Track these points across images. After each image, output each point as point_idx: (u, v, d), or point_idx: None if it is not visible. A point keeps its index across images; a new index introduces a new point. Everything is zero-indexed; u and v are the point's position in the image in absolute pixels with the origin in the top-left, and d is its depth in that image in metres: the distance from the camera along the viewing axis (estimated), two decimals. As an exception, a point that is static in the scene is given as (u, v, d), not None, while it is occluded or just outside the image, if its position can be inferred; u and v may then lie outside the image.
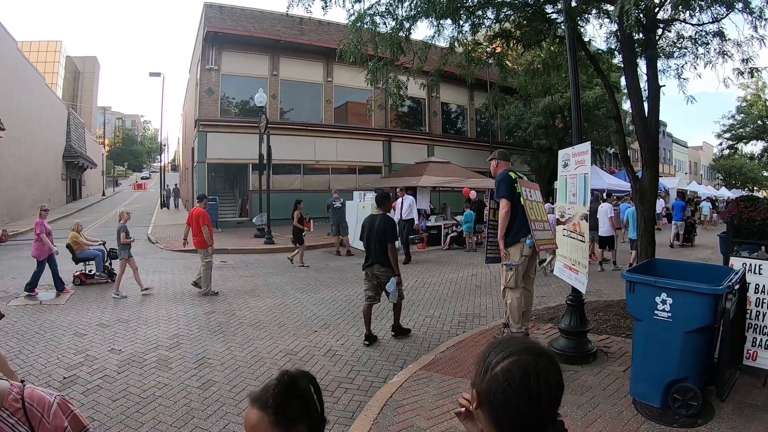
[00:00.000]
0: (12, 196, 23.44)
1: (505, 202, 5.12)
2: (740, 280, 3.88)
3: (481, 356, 1.14)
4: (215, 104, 21.21)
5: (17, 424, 1.34)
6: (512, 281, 5.13)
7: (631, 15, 4.52)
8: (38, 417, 1.36)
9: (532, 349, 1.09)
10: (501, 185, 5.24)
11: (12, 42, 24.46)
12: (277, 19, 21.09)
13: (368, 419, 3.85)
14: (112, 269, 9.98)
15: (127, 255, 8.88)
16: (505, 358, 1.06)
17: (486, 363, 1.10)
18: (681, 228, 16.39)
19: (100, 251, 10.15)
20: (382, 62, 7.32)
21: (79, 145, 39.08)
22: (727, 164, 52.20)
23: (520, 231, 5.10)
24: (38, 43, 63.37)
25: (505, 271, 5.19)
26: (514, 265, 5.09)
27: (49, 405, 1.39)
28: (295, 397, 1.24)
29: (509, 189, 5.14)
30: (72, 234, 10.00)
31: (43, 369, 5.17)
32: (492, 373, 1.06)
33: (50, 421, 1.37)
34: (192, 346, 5.99)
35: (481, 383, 1.09)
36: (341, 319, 7.19)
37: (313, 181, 23.41)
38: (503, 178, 5.26)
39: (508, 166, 5.57)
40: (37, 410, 1.37)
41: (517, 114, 26.45)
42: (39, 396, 1.40)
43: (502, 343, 1.12)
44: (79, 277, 9.70)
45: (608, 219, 11.33)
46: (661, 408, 3.67)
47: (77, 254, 9.94)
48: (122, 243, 8.85)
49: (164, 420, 4.05)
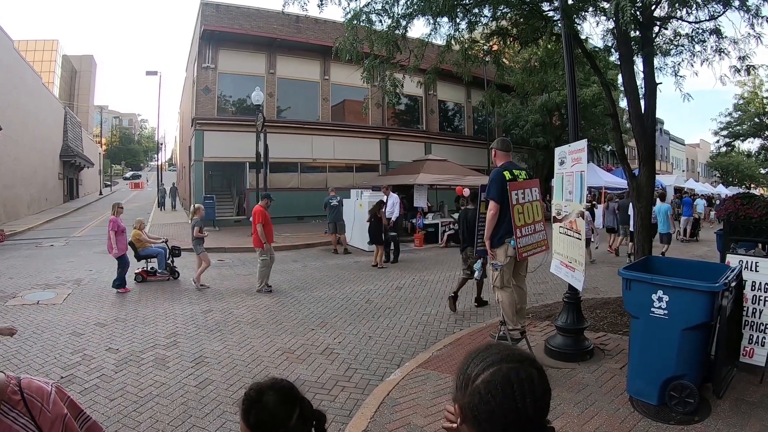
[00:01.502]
0: (9, 196, 23.37)
1: (493, 204, 4.99)
2: (737, 278, 3.89)
3: (460, 368, 1.09)
4: (212, 103, 21.16)
5: (19, 416, 1.34)
6: (498, 281, 5.07)
7: (627, 12, 4.52)
8: (38, 407, 1.36)
9: (513, 356, 1.05)
10: (492, 185, 5.08)
11: (8, 41, 24.38)
12: (273, 17, 21.03)
13: (365, 417, 3.86)
14: (174, 266, 10.18)
15: (201, 249, 9.38)
16: (485, 369, 1.02)
17: (466, 375, 1.05)
18: (689, 223, 16.58)
19: (162, 249, 10.24)
20: (378, 60, 7.30)
21: (76, 144, 38.99)
22: (724, 162, 52.35)
23: (506, 233, 4.99)
24: (35, 42, 63.07)
25: (492, 271, 5.16)
26: (499, 266, 5.05)
27: (47, 394, 1.39)
28: (263, 410, 1.24)
29: (500, 190, 4.98)
30: (135, 232, 10.08)
31: (41, 368, 5.17)
32: (473, 386, 1.01)
33: (50, 410, 1.37)
34: (189, 344, 5.98)
35: (462, 397, 1.04)
36: (338, 318, 7.19)
37: (311, 179, 23.38)
38: (496, 177, 5.08)
39: (508, 158, 5.35)
40: (37, 400, 1.37)
41: (515, 112, 26.49)
42: (37, 385, 1.39)
43: (480, 353, 1.08)
44: (140, 275, 9.78)
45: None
46: (658, 405, 3.67)
47: (140, 251, 9.98)
48: (195, 237, 9.29)
49: (161, 419, 4.05)
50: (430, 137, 26.81)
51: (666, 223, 12.25)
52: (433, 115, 27.45)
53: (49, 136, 31.41)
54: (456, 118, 29.90)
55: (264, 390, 1.28)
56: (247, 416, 1.25)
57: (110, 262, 12.19)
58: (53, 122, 33.22)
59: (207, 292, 8.86)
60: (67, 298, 8.40)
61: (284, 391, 1.29)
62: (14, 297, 8.41)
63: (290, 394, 1.30)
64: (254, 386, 1.30)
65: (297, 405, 1.29)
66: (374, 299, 8.33)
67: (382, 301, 8.24)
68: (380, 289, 9.23)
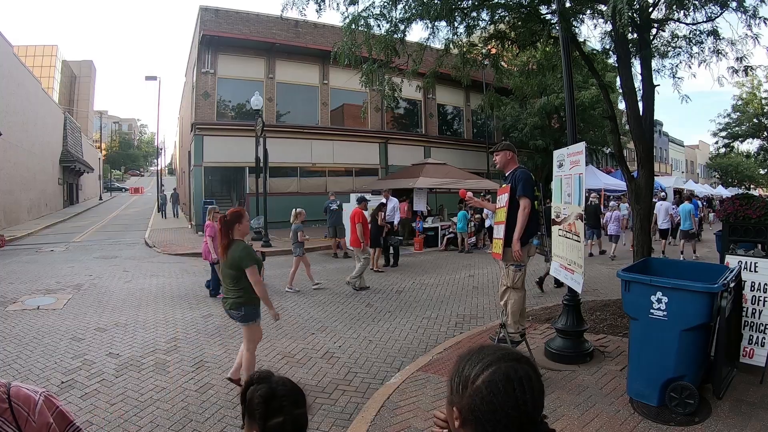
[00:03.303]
0: (9, 201, 23.37)
1: (528, 201, 4.93)
2: (736, 278, 3.90)
3: (455, 371, 1.09)
4: (211, 108, 21.20)
5: (5, 424, 1.33)
6: (519, 281, 5.08)
7: (624, 14, 4.54)
8: (24, 416, 1.36)
9: (510, 355, 1.06)
10: (526, 184, 5.00)
11: (8, 47, 24.41)
12: (272, 22, 21.09)
13: (365, 421, 3.86)
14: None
15: (300, 252, 9.60)
16: (484, 370, 1.02)
17: (463, 377, 1.05)
18: (695, 224, 16.95)
19: None
20: (377, 64, 7.33)
21: (75, 149, 39.03)
22: (723, 163, 52.44)
23: (531, 233, 5.02)
24: (34, 48, 63.08)
25: (513, 272, 5.10)
26: (523, 266, 5.07)
27: (34, 403, 1.39)
28: (247, 401, 1.32)
29: (532, 189, 4.98)
30: None
31: (41, 374, 5.16)
32: (474, 387, 1.02)
33: (36, 420, 1.37)
34: (190, 349, 5.98)
35: (461, 399, 1.04)
36: (338, 321, 7.19)
37: (310, 183, 23.39)
38: (529, 177, 5.05)
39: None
40: (24, 409, 1.36)
41: (513, 115, 26.51)
42: (25, 394, 1.39)
43: (475, 355, 1.08)
44: None
45: (668, 215, 13.97)
46: (658, 406, 3.68)
47: None
48: (299, 241, 9.54)
49: (162, 424, 4.05)
50: (430, 141, 26.84)
51: (688, 220, 13.43)
52: (432, 118, 27.48)
53: (48, 142, 31.44)
54: (455, 121, 29.94)
55: (252, 382, 1.35)
56: (241, 399, 1.31)
57: (110, 266, 12.26)
58: (53, 127, 33.25)
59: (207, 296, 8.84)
60: (68, 303, 8.39)
61: (267, 394, 1.35)
62: (14, 302, 8.40)
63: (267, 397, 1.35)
64: (254, 374, 1.35)
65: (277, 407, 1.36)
66: (374, 303, 8.33)
67: (382, 304, 8.24)
68: (380, 292, 9.23)
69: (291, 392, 1.35)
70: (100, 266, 12.39)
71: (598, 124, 24.81)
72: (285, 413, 1.31)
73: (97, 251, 15.53)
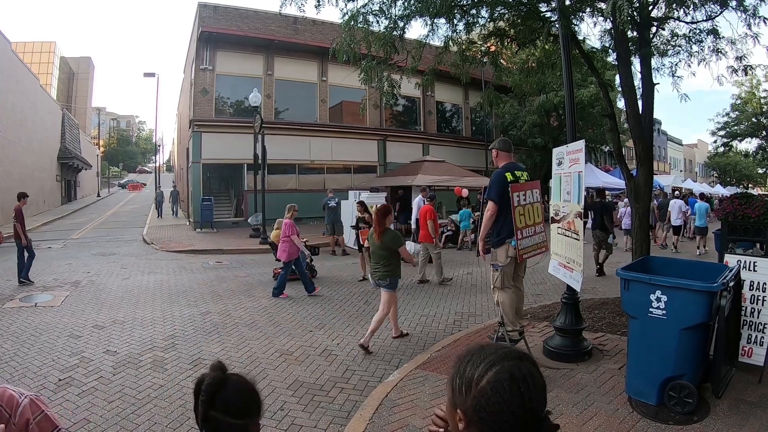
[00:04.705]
0: (6, 198, 23.25)
1: (491, 205, 4.95)
2: (735, 277, 3.89)
3: (456, 372, 1.07)
4: (210, 104, 21.17)
5: None
6: (498, 281, 5.04)
7: (624, 12, 4.53)
8: (6, 417, 1.35)
9: (511, 354, 1.05)
10: (493, 186, 5.03)
11: (6, 43, 24.30)
12: (271, 19, 21.04)
13: (364, 419, 3.85)
14: (313, 265, 10.42)
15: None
16: (487, 370, 1.01)
17: (465, 378, 1.04)
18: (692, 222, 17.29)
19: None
20: (376, 61, 7.30)
21: (73, 146, 38.90)
22: (722, 162, 52.49)
23: (508, 234, 4.93)
24: (32, 44, 63.03)
25: (492, 272, 5.13)
26: (500, 266, 5.03)
27: (17, 405, 1.38)
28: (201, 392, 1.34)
29: (500, 192, 4.91)
30: (275, 232, 10.13)
31: (39, 371, 5.14)
32: (478, 388, 1.01)
33: (16, 422, 1.36)
34: (187, 347, 5.96)
35: (465, 401, 1.03)
36: (337, 319, 7.18)
37: (308, 180, 23.39)
38: (498, 179, 5.02)
39: (510, 158, 5.29)
40: (6, 410, 1.36)
41: (512, 112, 26.52)
42: (9, 395, 1.38)
43: (476, 355, 1.07)
44: (278, 274, 9.58)
45: (681, 212, 14.62)
46: (657, 405, 3.67)
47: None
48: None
49: (160, 421, 4.03)
50: (428, 138, 26.83)
51: (703, 218, 14.15)
52: (431, 116, 27.47)
53: (46, 138, 31.32)
54: (454, 119, 29.94)
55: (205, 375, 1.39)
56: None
57: (108, 263, 12.23)
58: (51, 124, 33.11)
59: (205, 293, 8.83)
60: (65, 300, 8.37)
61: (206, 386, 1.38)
62: (12, 299, 8.38)
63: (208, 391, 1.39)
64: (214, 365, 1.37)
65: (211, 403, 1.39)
66: (372, 301, 8.31)
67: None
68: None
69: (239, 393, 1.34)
70: (97, 263, 12.36)
71: (597, 123, 24.84)
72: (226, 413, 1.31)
73: (95, 248, 15.49)
